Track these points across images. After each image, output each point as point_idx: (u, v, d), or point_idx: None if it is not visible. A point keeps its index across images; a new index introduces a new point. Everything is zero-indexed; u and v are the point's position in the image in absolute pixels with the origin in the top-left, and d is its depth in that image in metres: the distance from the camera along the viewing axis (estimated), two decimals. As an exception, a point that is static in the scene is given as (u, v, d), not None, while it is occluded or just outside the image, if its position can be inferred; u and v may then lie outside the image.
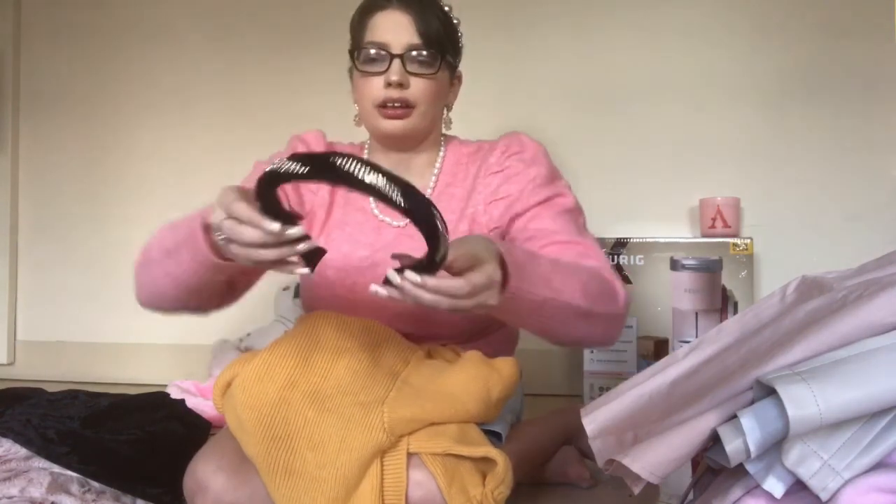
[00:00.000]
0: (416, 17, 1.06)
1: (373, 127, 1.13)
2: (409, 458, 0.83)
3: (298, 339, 0.93)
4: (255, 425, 0.83)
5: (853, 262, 0.82)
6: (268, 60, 2.13)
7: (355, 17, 1.12)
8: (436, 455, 0.83)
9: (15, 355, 2.30)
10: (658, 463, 0.66)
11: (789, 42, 1.86)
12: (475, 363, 0.94)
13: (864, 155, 1.82)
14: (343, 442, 0.82)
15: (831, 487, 0.60)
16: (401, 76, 1.06)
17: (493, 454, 0.85)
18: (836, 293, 0.70)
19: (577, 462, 1.22)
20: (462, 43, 1.17)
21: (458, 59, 1.17)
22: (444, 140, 1.20)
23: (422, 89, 1.08)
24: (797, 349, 0.63)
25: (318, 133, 1.20)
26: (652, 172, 1.91)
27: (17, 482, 0.96)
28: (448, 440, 0.84)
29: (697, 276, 1.69)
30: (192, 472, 0.89)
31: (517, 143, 1.14)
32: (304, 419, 0.84)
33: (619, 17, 1.94)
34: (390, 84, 1.06)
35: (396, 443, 0.84)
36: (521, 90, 1.98)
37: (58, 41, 2.30)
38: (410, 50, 1.06)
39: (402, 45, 1.06)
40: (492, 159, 1.13)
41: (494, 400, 0.93)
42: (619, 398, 0.78)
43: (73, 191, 2.28)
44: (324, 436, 0.83)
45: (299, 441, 0.83)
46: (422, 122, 1.10)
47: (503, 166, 1.12)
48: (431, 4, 1.09)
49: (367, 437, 0.82)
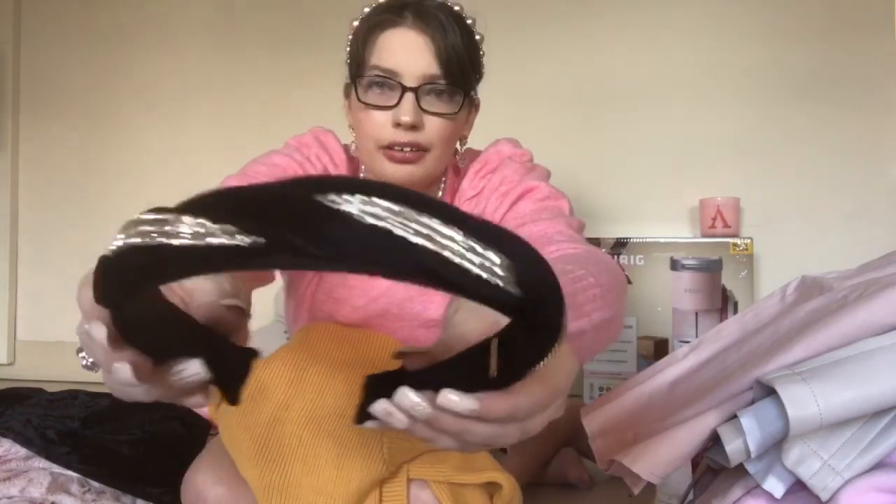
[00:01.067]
0: (436, 39, 0.85)
1: (374, 168, 0.91)
2: (412, 482, 0.80)
3: (294, 353, 0.87)
4: (249, 446, 0.80)
5: (853, 262, 0.82)
6: (268, 60, 2.13)
7: (360, 31, 0.91)
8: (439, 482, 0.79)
9: (15, 355, 2.30)
10: (658, 463, 0.66)
11: (789, 42, 1.85)
12: None
13: (864, 155, 1.82)
14: (340, 470, 0.78)
15: (831, 487, 0.60)
16: (414, 117, 0.85)
17: (497, 478, 0.81)
18: (836, 293, 0.70)
19: (576, 463, 1.22)
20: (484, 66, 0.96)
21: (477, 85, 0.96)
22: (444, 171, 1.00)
23: (438, 131, 0.88)
24: (797, 349, 0.63)
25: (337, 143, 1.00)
26: (652, 172, 1.91)
27: (17, 482, 0.96)
28: (449, 467, 0.80)
29: (697, 276, 1.69)
30: (192, 482, 0.86)
31: (495, 157, 0.98)
32: (299, 441, 0.79)
33: (618, 17, 1.94)
34: (400, 125, 0.86)
35: (396, 471, 0.80)
36: (521, 90, 1.98)
37: (58, 41, 2.30)
38: (427, 82, 0.86)
39: (417, 76, 0.85)
40: (465, 183, 0.97)
41: None
42: (619, 398, 0.78)
43: (73, 191, 2.28)
44: (319, 460, 0.78)
45: (294, 464, 0.79)
46: (434, 166, 0.90)
47: (477, 189, 0.97)
48: (454, 20, 0.88)
49: (365, 467, 0.77)
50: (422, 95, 0.86)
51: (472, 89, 0.93)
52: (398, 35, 0.86)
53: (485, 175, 0.96)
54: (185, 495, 0.87)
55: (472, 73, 0.91)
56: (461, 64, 0.87)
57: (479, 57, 0.94)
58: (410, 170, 0.88)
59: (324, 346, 0.90)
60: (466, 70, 0.88)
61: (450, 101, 0.88)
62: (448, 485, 0.79)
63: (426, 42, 0.86)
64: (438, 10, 0.87)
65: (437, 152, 0.89)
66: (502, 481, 0.81)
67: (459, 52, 0.87)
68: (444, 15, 0.87)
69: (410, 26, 0.86)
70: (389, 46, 0.86)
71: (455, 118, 0.89)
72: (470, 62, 0.89)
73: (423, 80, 0.86)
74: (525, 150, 1.00)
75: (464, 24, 0.90)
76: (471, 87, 0.92)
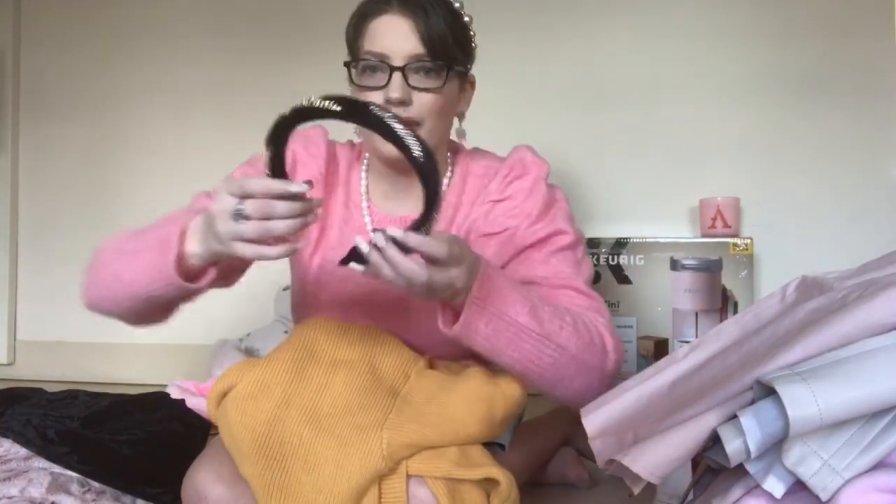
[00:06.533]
0: (419, 22, 0.94)
1: (372, 148, 1.01)
2: (411, 478, 0.80)
3: (294, 351, 0.89)
4: (249, 445, 0.81)
5: (853, 262, 0.82)
6: (267, 60, 2.13)
7: (351, 23, 1.01)
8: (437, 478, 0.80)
9: (15, 355, 2.30)
10: (658, 463, 0.66)
11: (789, 42, 1.85)
12: (479, 382, 0.89)
13: (864, 155, 1.82)
14: (340, 468, 0.79)
15: (831, 487, 0.60)
16: (402, 92, 0.93)
17: (494, 474, 0.82)
18: (836, 293, 0.70)
19: (576, 463, 1.22)
20: (475, 43, 1.04)
21: (471, 63, 1.05)
22: (451, 156, 1.09)
23: (427, 105, 0.96)
24: (797, 349, 0.63)
25: (320, 130, 1.10)
26: (652, 172, 1.91)
27: (17, 482, 0.96)
28: (448, 463, 0.81)
29: (697, 276, 1.69)
30: (192, 480, 0.87)
31: (520, 165, 1.06)
32: (300, 439, 0.81)
33: (618, 18, 1.94)
34: (390, 101, 0.93)
35: (395, 467, 0.81)
36: (522, 90, 1.98)
37: (58, 41, 2.30)
38: (413, 61, 0.94)
39: (403, 56, 0.94)
40: (493, 185, 1.05)
41: (499, 421, 0.89)
42: (619, 398, 0.77)
43: (73, 191, 2.28)
44: (319, 458, 0.80)
45: (294, 462, 0.80)
46: (428, 138, 0.95)
47: (503, 195, 1.04)
48: (438, 3, 0.96)
49: (365, 464, 0.79)
50: (409, 73, 0.95)
51: (459, 64, 1.00)
52: (385, 21, 0.95)
53: (511, 181, 1.05)
54: (185, 494, 0.87)
55: (458, 48, 0.99)
56: (444, 42, 0.95)
57: (466, 35, 1.01)
58: None
59: (323, 344, 0.92)
60: (450, 47, 0.96)
61: (437, 77, 0.96)
62: (445, 482, 0.80)
63: (410, 25, 0.94)
64: None
65: (429, 125, 0.97)
66: (500, 477, 0.82)
67: (442, 31, 0.95)
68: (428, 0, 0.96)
69: (395, 12, 0.95)
70: (377, 32, 0.96)
71: (442, 91, 0.97)
72: (454, 39, 0.97)
73: (409, 60, 0.94)
74: (544, 160, 1.07)
75: (449, 6, 0.99)
76: (455, 61, 0.99)
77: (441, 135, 1.02)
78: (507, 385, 0.91)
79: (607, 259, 1.75)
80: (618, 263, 1.74)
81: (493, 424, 0.88)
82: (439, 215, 0.79)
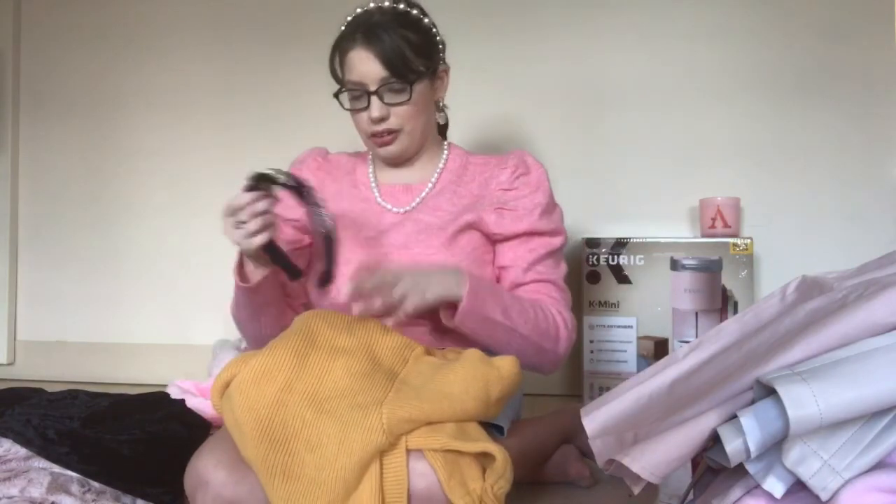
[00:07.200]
0: (379, 51, 1.12)
1: (372, 150, 1.27)
2: (410, 453, 0.84)
3: (295, 339, 0.93)
4: (252, 428, 0.84)
5: (853, 262, 0.82)
6: (267, 61, 2.13)
7: (332, 58, 1.20)
8: (435, 450, 0.84)
9: (15, 355, 2.30)
10: (658, 463, 0.66)
11: (790, 42, 1.85)
12: (475, 362, 0.94)
13: (864, 155, 1.82)
14: (342, 444, 0.82)
15: (831, 487, 0.60)
16: (380, 111, 1.15)
17: (490, 449, 0.85)
18: (836, 293, 0.70)
19: (576, 460, 1.22)
20: (440, 40, 1.22)
21: (437, 59, 1.22)
22: (447, 145, 1.30)
23: (402, 115, 1.17)
24: (797, 349, 0.63)
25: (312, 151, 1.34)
26: (652, 172, 1.91)
27: (17, 482, 0.96)
28: (445, 436, 0.84)
29: (697, 276, 1.69)
30: (193, 467, 0.90)
31: (523, 164, 1.23)
32: (302, 421, 0.84)
33: (618, 18, 1.94)
34: (373, 119, 1.16)
35: (395, 442, 0.84)
36: (522, 91, 1.98)
37: (58, 41, 2.29)
38: (382, 84, 1.14)
39: (374, 81, 1.14)
40: (503, 177, 1.23)
41: (494, 399, 0.93)
42: (619, 398, 0.78)
43: (73, 191, 2.27)
44: (322, 437, 0.83)
45: (297, 443, 0.83)
46: (411, 140, 1.20)
47: (512, 185, 1.22)
48: (393, 29, 1.13)
49: (366, 439, 0.82)
50: (383, 93, 1.15)
51: (424, 69, 1.18)
52: (354, 54, 1.15)
53: (518, 176, 1.23)
54: (187, 482, 0.91)
55: (419, 59, 1.16)
56: (404, 60, 1.14)
57: (427, 41, 1.19)
58: (391, 148, 1.20)
59: (323, 333, 0.96)
60: (409, 61, 1.15)
61: (404, 92, 1.16)
62: (443, 455, 0.83)
63: (374, 55, 1.13)
64: (381, 22, 1.14)
65: (409, 128, 1.19)
66: (496, 453, 0.85)
67: (399, 51, 1.13)
68: (386, 25, 1.14)
69: (360, 45, 1.14)
70: (351, 64, 1.16)
71: (412, 101, 1.16)
72: (414, 52, 1.15)
73: (379, 83, 1.14)
74: (540, 163, 1.26)
75: (406, 20, 1.17)
76: (419, 73, 1.16)
77: (423, 129, 1.22)
78: (503, 364, 0.95)
79: (607, 259, 1.75)
80: (618, 263, 1.74)
81: (488, 402, 0.92)
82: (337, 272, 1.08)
